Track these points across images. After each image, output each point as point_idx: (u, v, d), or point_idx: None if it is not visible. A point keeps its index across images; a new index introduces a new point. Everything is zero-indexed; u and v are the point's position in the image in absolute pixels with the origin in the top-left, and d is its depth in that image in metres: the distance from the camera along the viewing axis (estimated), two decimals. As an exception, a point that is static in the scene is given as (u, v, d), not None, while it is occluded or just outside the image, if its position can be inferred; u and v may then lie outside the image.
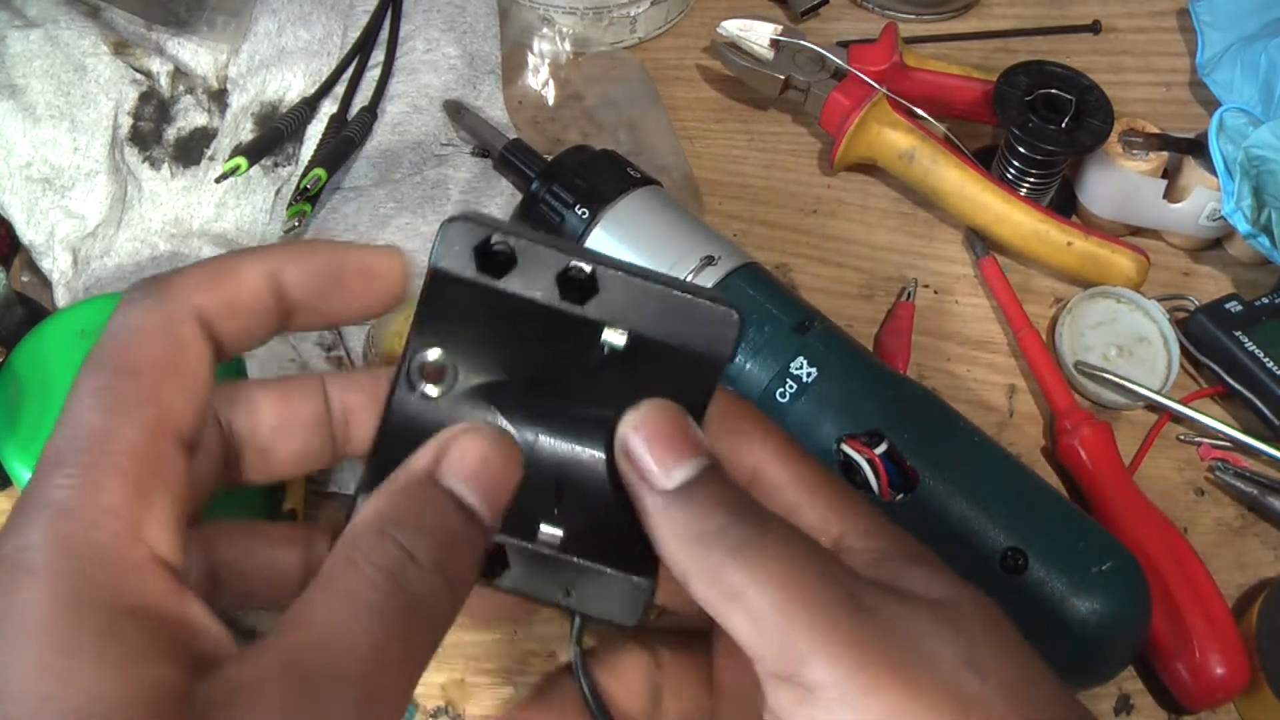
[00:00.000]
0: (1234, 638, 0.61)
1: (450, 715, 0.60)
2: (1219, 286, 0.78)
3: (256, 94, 0.76)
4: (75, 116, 0.70)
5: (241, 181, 0.73)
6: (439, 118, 0.78)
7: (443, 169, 0.76)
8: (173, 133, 0.74)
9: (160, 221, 0.72)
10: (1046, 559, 0.57)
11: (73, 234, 0.69)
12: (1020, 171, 0.77)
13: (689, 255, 0.65)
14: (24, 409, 0.56)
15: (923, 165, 0.76)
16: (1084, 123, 0.76)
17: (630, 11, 0.84)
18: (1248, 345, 0.71)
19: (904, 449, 0.59)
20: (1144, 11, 0.93)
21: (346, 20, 0.80)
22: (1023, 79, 0.77)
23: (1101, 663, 0.58)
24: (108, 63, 0.72)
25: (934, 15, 0.91)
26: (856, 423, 0.60)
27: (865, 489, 0.60)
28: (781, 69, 0.81)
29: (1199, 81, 0.87)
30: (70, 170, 0.70)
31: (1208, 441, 0.71)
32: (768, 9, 0.89)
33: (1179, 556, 0.63)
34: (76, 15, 0.74)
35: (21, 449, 0.56)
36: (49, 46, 0.72)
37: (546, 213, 0.68)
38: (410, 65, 0.79)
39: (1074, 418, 0.68)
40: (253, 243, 0.73)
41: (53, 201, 0.69)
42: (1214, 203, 0.75)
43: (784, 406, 0.62)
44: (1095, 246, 0.74)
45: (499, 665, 0.61)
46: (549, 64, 0.82)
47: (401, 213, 0.74)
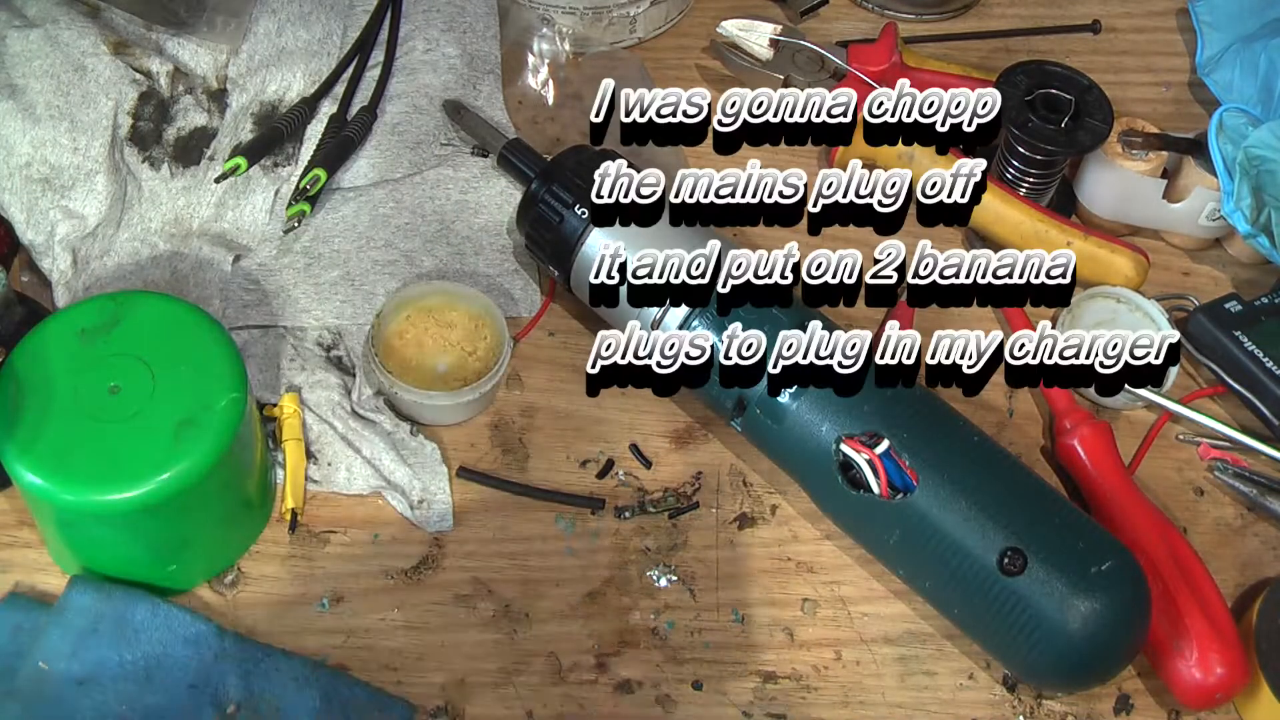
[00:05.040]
0: (1233, 637, 0.61)
1: (450, 715, 0.60)
2: (1218, 286, 0.78)
3: (256, 94, 0.76)
4: (75, 116, 0.70)
5: (241, 181, 0.73)
6: (439, 118, 0.78)
7: (442, 169, 0.76)
8: (172, 133, 0.74)
9: (160, 221, 0.72)
10: (1046, 559, 0.57)
11: (72, 234, 0.69)
12: (1020, 171, 0.77)
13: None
14: (24, 408, 0.56)
15: (922, 165, 0.76)
16: (1083, 122, 0.76)
17: (630, 11, 0.84)
18: (1247, 345, 0.71)
19: (903, 449, 0.59)
20: (1143, 11, 0.93)
21: (346, 20, 0.80)
22: (1022, 79, 0.77)
23: (1101, 663, 0.58)
24: (107, 63, 0.72)
25: (934, 15, 0.91)
26: (856, 423, 0.60)
27: (864, 489, 0.60)
28: (781, 69, 0.82)
29: (1198, 81, 0.87)
30: (70, 170, 0.70)
31: (1207, 441, 0.71)
32: (767, 9, 0.89)
33: (1178, 556, 0.63)
34: (76, 15, 0.74)
35: (22, 448, 0.56)
36: (49, 46, 0.72)
37: (546, 212, 0.68)
38: (410, 65, 0.79)
39: (1074, 417, 0.68)
40: (252, 243, 0.73)
41: (52, 201, 0.69)
42: (1213, 203, 0.75)
43: (784, 406, 0.62)
44: (1095, 246, 0.74)
45: (498, 665, 0.61)
46: (549, 64, 0.82)
47: (401, 213, 0.74)
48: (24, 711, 0.56)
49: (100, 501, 0.55)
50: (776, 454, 0.65)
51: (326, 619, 0.62)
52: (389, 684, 0.60)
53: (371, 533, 0.65)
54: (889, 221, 0.67)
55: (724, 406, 0.65)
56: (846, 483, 0.61)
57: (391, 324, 0.69)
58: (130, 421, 0.56)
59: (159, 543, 0.59)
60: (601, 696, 0.61)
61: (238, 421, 0.58)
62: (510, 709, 0.60)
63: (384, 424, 0.67)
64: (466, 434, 0.68)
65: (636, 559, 0.65)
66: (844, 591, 0.65)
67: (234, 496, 0.61)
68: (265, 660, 0.58)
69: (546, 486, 0.67)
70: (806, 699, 0.61)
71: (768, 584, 0.65)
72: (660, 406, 0.70)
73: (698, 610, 0.64)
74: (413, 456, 0.66)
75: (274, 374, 0.68)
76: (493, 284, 0.73)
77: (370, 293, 0.71)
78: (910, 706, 0.62)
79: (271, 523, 0.65)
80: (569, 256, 0.67)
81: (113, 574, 0.60)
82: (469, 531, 0.65)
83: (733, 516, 0.67)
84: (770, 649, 0.63)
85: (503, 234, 0.75)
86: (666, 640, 0.63)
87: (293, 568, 0.63)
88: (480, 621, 0.62)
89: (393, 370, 0.67)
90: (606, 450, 0.68)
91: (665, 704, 0.61)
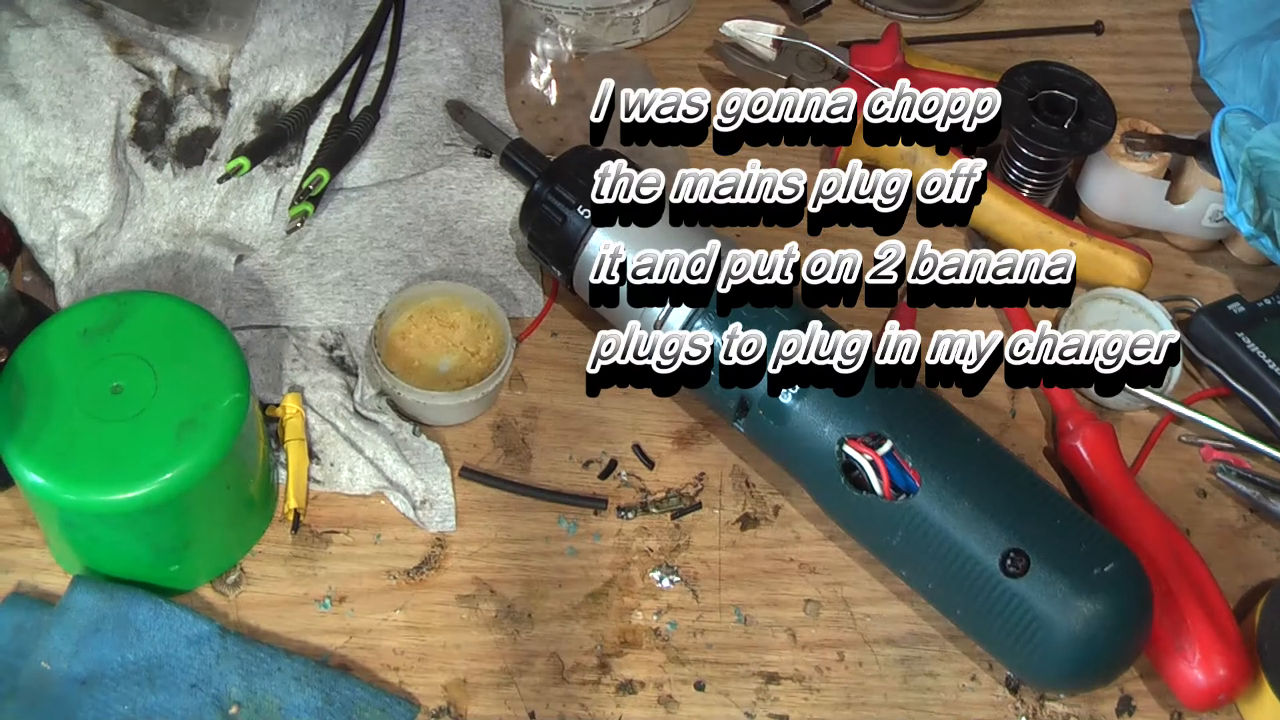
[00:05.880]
0: (1236, 639, 0.61)
1: (452, 716, 0.60)
2: (1221, 288, 0.78)
3: (259, 94, 0.76)
4: (78, 116, 0.71)
5: (244, 181, 0.73)
6: (441, 118, 0.78)
7: (445, 169, 0.76)
8: (175, 133, 0.74)
9: (162, 221, 0.72)
10: (1048, 560, 0.57)
11: (75, 234, 0.69)
12: (1023, 172, 0.77)
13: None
14: (26, 408, 0.56)
15: (924, 165, 0.76)
16: (1086, 124, 0.76)
17: (633, 12, 0.84)
18: (1250, 346, 0.71)
19: (906, 450, 0.59)
20: (1146, 12, 0.93)
21: (349, 20, 0.80)
22: (1025, 80, 0.77)
23: (1103, 664, 0.58)
24: (110, 63, 0.72)
25: (937, 16, 0.91)
26: (859, 423, 0.60)
27: (867, 490, 0.60)
28: (784, 69, 0.82)
29: (1201, 82, 0.87)
30: (73, 170, 0.70)
31: (1210, 443, 0.71)
32: (770, 9, 0.89)
33: (1181, 558, 0.63)
34: (79, 15, 0.74)
35: (24, 448, 0.56)
36: (52, 46, 0.72)
37: (548, 213, 0.68)
38: (413, 65, 0.79)
39: (1076, 418, 0.68)
40: (254, 243, 0.73)
41: (55, 201, 0.69)
42: (1216, 204, 0.75)
43: (787, 407, 0.62)
44: (1098, 248, 0.74)
45: (500, 665, 0.61)
46: (551, 64, 0.82)
47: (404, 213, 0.74)
48: (26, 711, 0.56)
49: (102, 501, 0.55)
50: (779, 455, 0.65)
51: (329, 619, 0.62)
52: (391, 684, 0.60)
53: (374, 533, 0.65)
54: (889, 221, 0.67)
55: (727, 407, 0.65)
56: (849, 484, 0.61)
57: (394, 324, 0.69)
58: (133, 421, 0.57)
59: (161, 543, 0.59)
60: (604, 697, 0.61)
61: (240, 422, 0.58)
62: (512, 709, 0.60)
63: (386, 424, 0.67)
64: (469, 434, 0.69)
65: (639, 559, 0.65)
66: (846, 592, 0.65)
67: (236, 497, 0.61)
68: (267, 660, 0.58)
69: (549, 487, 0.67)
70: (809, 700, 0.61)
71: (770, 585, 0.65)
72: (663, 407, 0.70)
73: (700, 611, 0.64)
74: (415, 457, 0.66)
75: (276, 374, 0.68)
76: (495, 284, 0.73)
77: (373, 293, 0.71)
78: (912, 708, 0.62)
79: (274, 523, 0.65)
80: (571, 257, 0.67)
81: (115, 574, 0.60)
82: (471, 532, 0.65)
83: (735, 517, 0.67)
84: (773, 650, 0.63)
85: (505, 234, 0.75)
86: (669, 641, 0.63)
87: (295, 568, 0.63)
88: (482, 622, 0.62)
89: (395, 370, 0.67)
90: (609, 451, 0.69)
91: (667, 704, 0.61)
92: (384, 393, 0.68)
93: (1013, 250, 0.66)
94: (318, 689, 0.58)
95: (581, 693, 0.61)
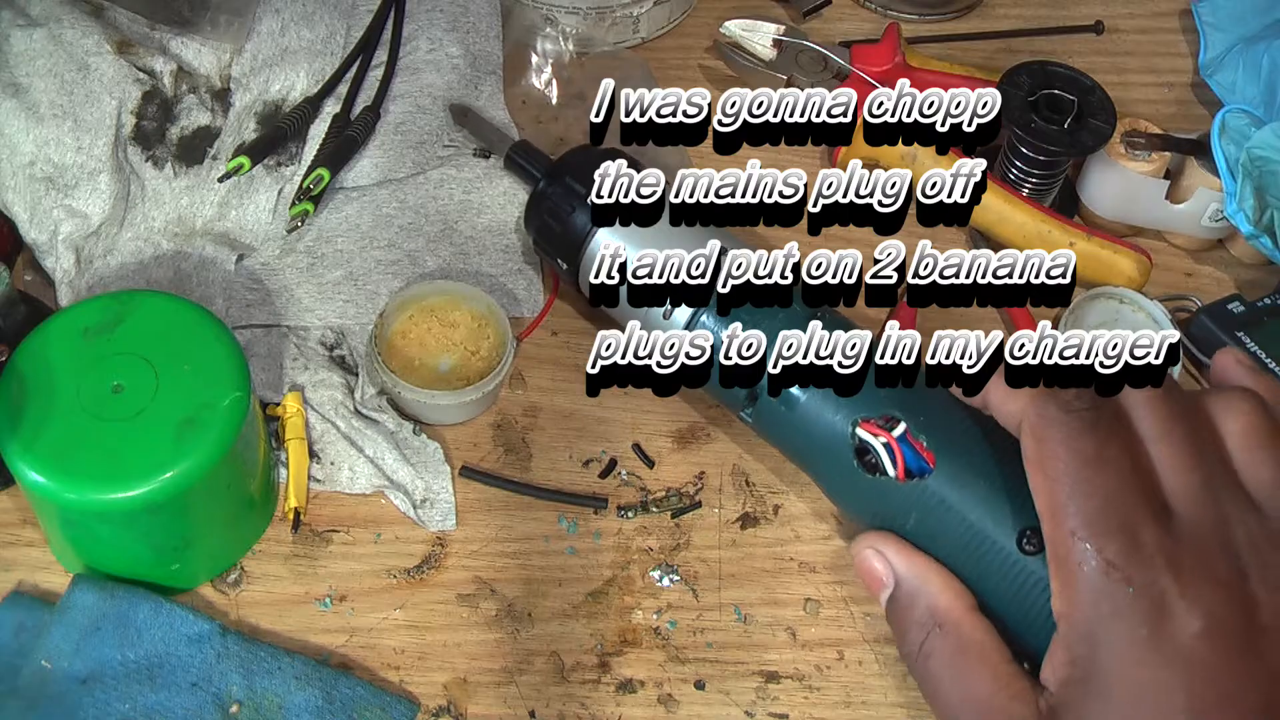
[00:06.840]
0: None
1: (452, 714, 0.60)
2: (1221, 287, 0.78)
3: (260, 93, 0.76)
4: (78, 115, 0.71)
5: (244, 181, 0.73)
6: (442, 117, 0.78)
7: (446, 169, 0.76)
8: (176, 132, 0.74)
9: (163, 221, 0.72)
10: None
11: (76, 233, 0.69)
12: (1023, 172, 0.77)
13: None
14: (27, 407, 0.57)
15: (925, 166, 0.76)
16: (1086, 123, 0.76)
17: (633, 11, 0.84)
18: (1250, 346, 0.71)
19: (920, 431, 0.59)
20: (1146, 12, 0.93)
21: (350, 20, 0.80)
22: (1025, 79, 0.77)
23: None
24: (111, 62, 0.72)
25: (937, 15, 0.91)
26: (871, 406, 0.60)
27: (880, 472, 0.60)
28: (784, 69, 0.82)
29: (1201, 82, 0.87)
30: (73, 169, 0.70)
31: (1210, 442, 0.71)
32: (770, 9, 0.89)
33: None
34: (80, 14, 0.74)
35: (24, 448, 0.56)
36: (52, 46, 0.72)
37: (553, 211, 0.68)
38: (413, 65, 0.79)
39: (1076, 418, 0.68)
40: (255, 242, 0.73)
41: (56, 200, 0.70)
42: (1216, 204, 0.75)
43: (797, 395, 0.62)
44: (1097, 247, 0.74)
45: (501, 664, 0.61)
46: (552, 64, 0.82)
47: (404, 212, 0.74)
48: (27, 710, 0.56)
49: (103, 500, 0.55)
50: (789, 443, 0.65)
51: (329, 618, 0.62)
52: (391, 683, 0.60)
53: (374, 532, 0.65)
54: (889, 221, 0.67)
55: (736, 398, 0.65)
56: (862, 467, 0.61)
57: (394, 323, 0.69)
58: (133, 420, 0.57)
59: (162, 542, 0.59)
60: (604, 696, 0.61)
61: (240, 421, 0.58)
62: (512, 708, 0.60)
63: (387, 423, 0.67)
64: (469, 433, 0.69)
65: (639, 558, 0.65)
66: (847, 591, 0.65)
67: (237, 495, 0.61)
68: (268, 659, 0.59)
69: (549, 486, 0.67)
70: (809, 699, 0.62)
71: (770, 584, 0.65)
72: (663, 406, 0.70)
73: (700, 610, 0.64)
74: (415, 456, 0.66)
75: (277, 373, 0.68)
76: (496, 284, 0.73)
77: (373, 292, 0.71)
78: (913, 707, 0.62)
79: (274, 522, 0.65)
80: (577, 255, 0.67)
81: (115, 573, 0.60)
82: (471, 531, 0.65)
83: (735, 516, 0.67)
84: (773, 649, 0.63)
85: (506, 233, 0.75)
86: (669, 640, 0.63)
87: (295, 567, 0.63)
88: (483, 621, 0.63)
89: (396, 370, 0.67)
90: (609, 450, 0.69)
91: (668, 703, 0.61)
92: (384, 392, 0.68)
93: (1013, 250, 0.66)
94: (318, 688, 0.58)
95: (581, 691, 0.61)
